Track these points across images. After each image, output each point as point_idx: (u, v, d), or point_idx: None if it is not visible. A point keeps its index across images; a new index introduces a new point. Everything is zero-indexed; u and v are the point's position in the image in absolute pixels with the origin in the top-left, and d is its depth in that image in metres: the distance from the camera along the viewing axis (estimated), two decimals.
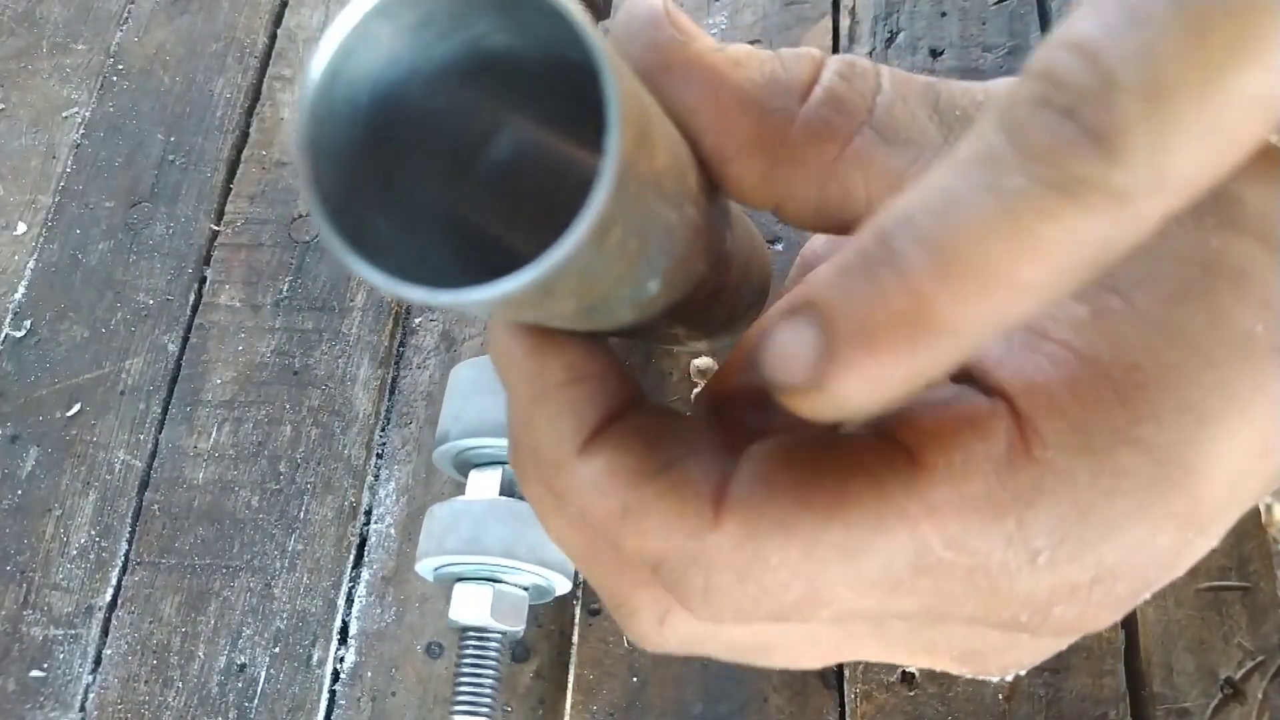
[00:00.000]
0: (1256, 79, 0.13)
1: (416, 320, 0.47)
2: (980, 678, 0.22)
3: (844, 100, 0.19)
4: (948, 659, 0.21)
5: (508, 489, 0.37)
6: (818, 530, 0.17)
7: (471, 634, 0.36)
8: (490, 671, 0.36)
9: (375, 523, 0.43)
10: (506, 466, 0.38)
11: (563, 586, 0.37)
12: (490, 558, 0.35)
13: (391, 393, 0.45)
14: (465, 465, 0.39)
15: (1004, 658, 0.21)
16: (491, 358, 0.20)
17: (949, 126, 0.19)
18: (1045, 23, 0.50)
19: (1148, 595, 0.19)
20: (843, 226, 0.20)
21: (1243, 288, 0.17)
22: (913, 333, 0.15)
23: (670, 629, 0.20)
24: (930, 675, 0.38)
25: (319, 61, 0.14)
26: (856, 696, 0.37)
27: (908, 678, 0.38)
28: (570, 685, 0.39)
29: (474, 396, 0.37)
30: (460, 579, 0.36)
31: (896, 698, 0.37)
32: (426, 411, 0.45)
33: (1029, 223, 0.14)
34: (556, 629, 0.40)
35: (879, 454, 0.18)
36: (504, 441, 0.37)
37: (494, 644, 0.36)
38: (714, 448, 0.19)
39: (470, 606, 0.35)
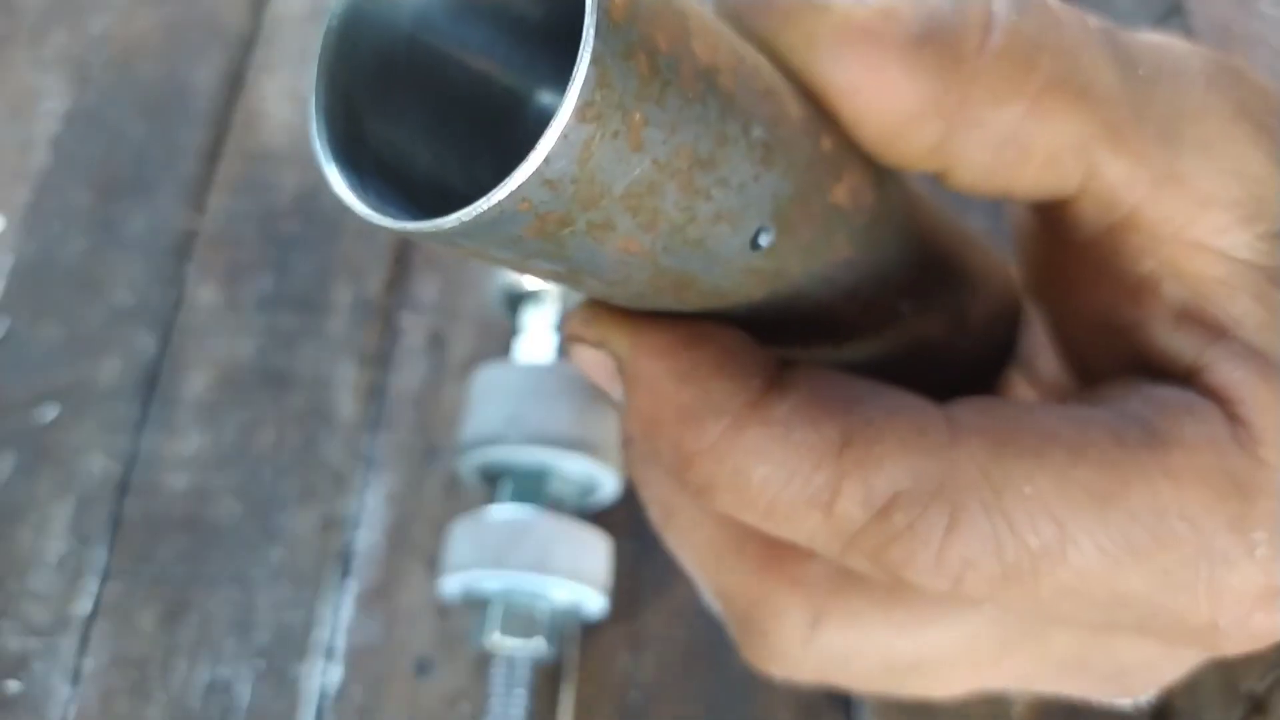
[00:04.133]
0: None
1: (404, 320, 0.46)
2: (1113, 702, 0.21)
3: (1026, 47, 0.17)
4: (1096, 679, 0.20)
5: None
6: (1068, 465, 0.16)
7: (503, 658, 0.35)
8: (521, 697, 0.35)
9: (361, 532, 0.42)
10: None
11: (596, 604, 0.36)
12: (529, 574, 0.34)
13: (378, 396, 0.44)
14: (492, 473, 0.38)
15: (1152, 675, 0.20)
16: (584, 357, 0.18)
17: (1132, 81, 0.17)
18: None
19: None
20: (1013, 190, 0.18)
21: None
22: None
23: (820, 639, 0.18)
24: None
25: None
26: (868, 716, 0.36)
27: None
28: (569, 704, 0.38)
29: (508, 401, 0.36)
30: (492, 598, 0.35)
31: (911, 718, 0.36)
32: (415, 416, 0.43)
33: None
34: (555, 645, 0.39)
35: (1112, 414, 0.17)
36: (544, 450, 0.35)
37: (527, 668, 0.35)
38: (906, 393, 0.18)
39: (510, 627, 0.35)
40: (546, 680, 0.38)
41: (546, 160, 0.12)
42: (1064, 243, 0.19)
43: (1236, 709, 0.36)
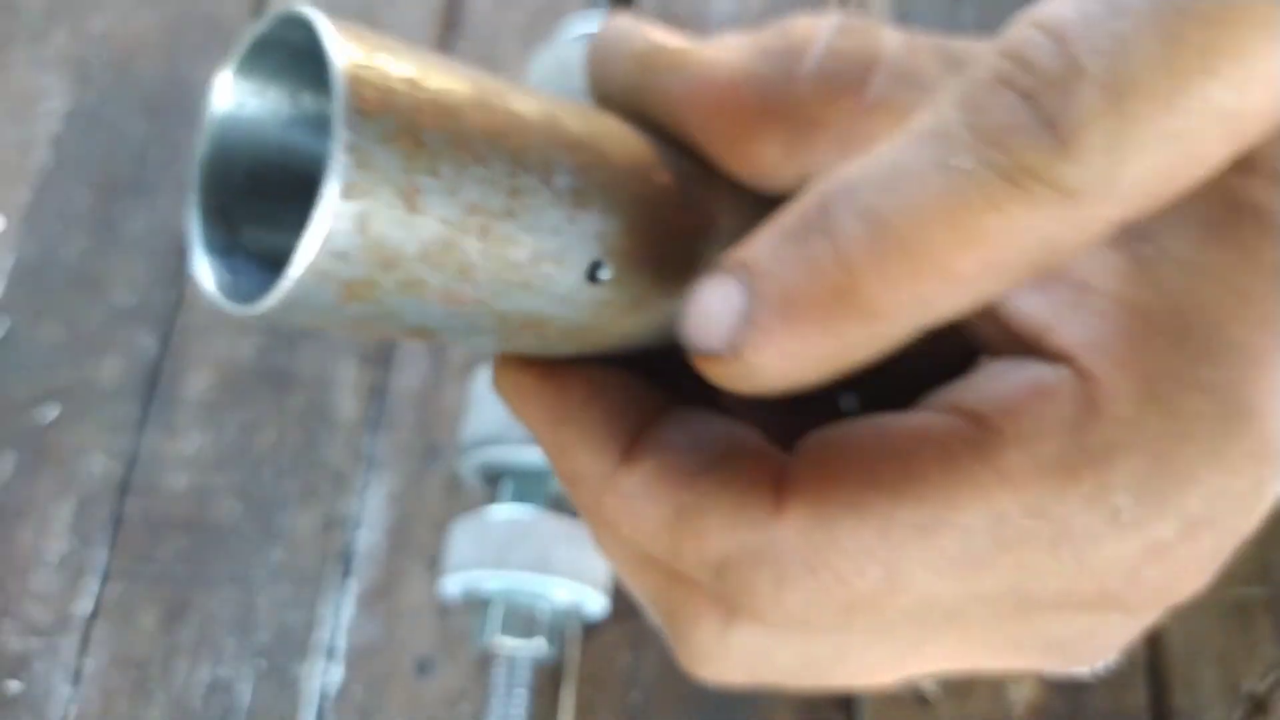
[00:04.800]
0: (1225, 93, 0.13)
1: None
2: (1069, 672, 0.20)
3: (849, 52, 0.18)
4: (1035, 654, 0.20)
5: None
6: (890, 508, 0.16)
7: (504, 658, 0.35)
8: (522, 697, 0.35)
9: (362, 532, 0.42)
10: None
11: (597, 603, 0.36)
12: (530, 574, 0.34)
13: (379, 396, 0.44)
14: (493, 473, 0.38)
15: (1093, 643, 0.20)
16: (502, 396, 0.19)
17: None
18: None
19: (1233, 547, 0.18)
20: None
21: (1263, 223, 0.17)
22: (838, 310, 0.14)
23: (734, 639, 0.19)
24: (946, 692, 0.37)
25: (209, 118, 0.16)
26: (869, 715, 0.36)
27: (923, 697, 0.37)
28: (570, 704, 0.38)
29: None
30: (493, 597, 0.35)
31: (911, 716, 0.36)
32: (416, 416, 0.43)
33: (972, 209, 0.14)
34: (556, 644, 0.39)
35: (945, 425, 0.17)
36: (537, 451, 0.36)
37: (528, 668, 0.35)
38: (761, 443, 0.18)
39: (511, 627, 0.35)
40: (547, 680, 0.38)
41: (327, 237, 0.14)
42: None
43: (1237, 709, 0.36)
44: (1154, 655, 0.37)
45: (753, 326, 0.15)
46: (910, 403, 0.19)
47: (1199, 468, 0.17)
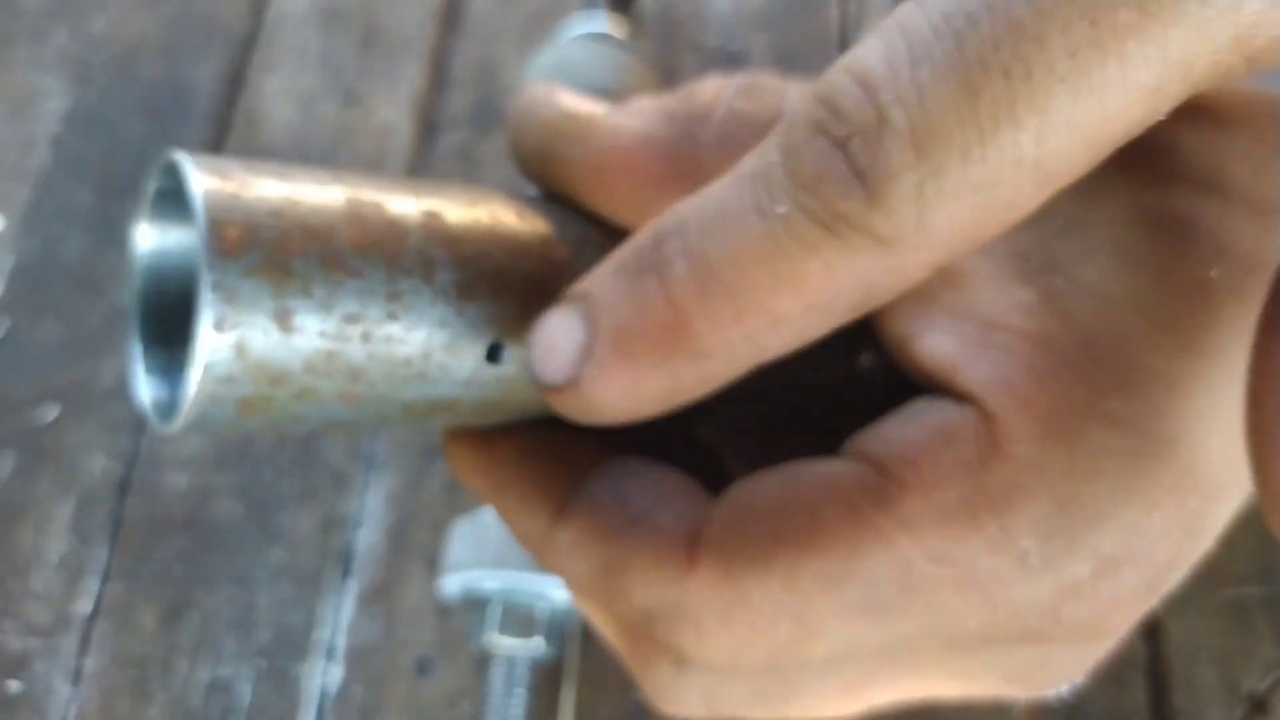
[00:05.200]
0: (1028, 144, 0.13)
1: None
2: (1036, 695, 0.20)
3: (748, 114, 0.18)
4: (991, 683, 0.20)
5: None
6: (795, 561, 0.17)
7: (502, 658, 0.35)
8: (521, 697, 0.35)
9: (362, 532, 0.42)
10: None
11: None
12: (528, 574, 0.34)
13: None
14: None
15: (1049, 672, 0.20)
16: (451, 468, 0.20)
17: None
18: None
19: (1174, 579, 0.17)
20: None
21: (1188, 238, 0.17)
22: (670, 348, 0.15)
23: (688, 678, 0.19)
24: None
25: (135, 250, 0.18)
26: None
27: None
28: (570, 704, 0.38)
29: None
30: (492, 598, 0.35)
31: (912, 716, 0.36)
32: None
33: (790, 255, 0.14)
34: (555, 644, 0.39)
35: (851, 476, 0.17)
36: None
37: (526, 668, 0.35)
38: (689, 493, 0.19)
39: (510, 627, 0.35)
40: (547, 680, 0.38)
41: (208, 365, 0.15)
42: None
43: (1237, 709, 0.36)
44: (1153, 655, 0.37)
45: (591, 360, 0.15)
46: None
47: (1110, 505, 0.16)
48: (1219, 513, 0.18)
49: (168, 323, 0.18)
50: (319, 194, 0.16)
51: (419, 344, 0.17)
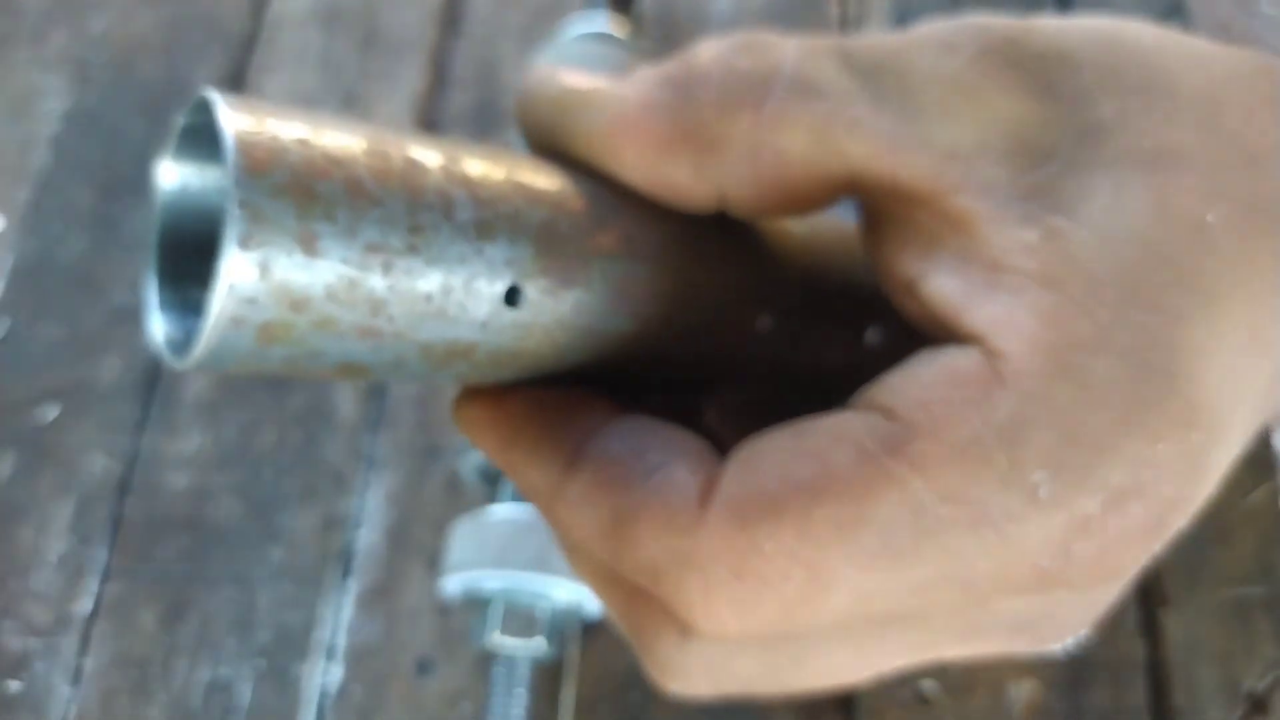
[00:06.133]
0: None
1: None
2: (1041, 650, 0.21)
3: (746, 71, 0.19)
4: (999, 638, 0.20)
5: None
6: (807, 508, 0.17)
7: (503, 657, 0.35)
8: (522, 697, 0.35)
9: (362, 532, 0.42)
10: None
11: (596, 603, 0.36)
12: (529, 574, 0.34)
13: (379, 396, 0.44)
14: (492, 472, 0.38)
15: (1056, 622, 0.20)
16: (460, 429, 0.21)
17: (865, 76, 0.19)
18: (1064, 6, 0.49)
19: (1180, 520, 0.18)
20: (794, 199, 0.19)
21: (1185, 177, 0.17)
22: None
23: (694, 650, 0.19)
24: (946, 692, 0.37)
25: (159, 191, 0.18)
26: (869, 715, 0.36)
27: (922, 696, 0.37)
28: (569, 703, 0.38)
29: None
30: (493, 597, 0.35)
31: (911, 716, 0.36)
32: (415, 415, 0.43)
33: None
34: (555, 644, 0.39)
35: (860, 423, 0.17)
36: None
37: (527, 668, 0.35)
38: (702, 449, 0.19)
39: (510, 627, 0.35)
40: (547, 680, 0.38)
41: (231, 286, 0.15)
42: (873, 229, 0.20)
43: (1237, 708, 0.36)
44: (1154, 654, 0.37)
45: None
46: None
47: (1117, 436, 0.17)
48: (1221, 451, 0.18)
49: (185, 262, 0.18)
50: (343, 130, 0.17)
51: (438, 279, 0.17)
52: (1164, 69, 0.18)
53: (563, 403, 0.20)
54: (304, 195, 0.16)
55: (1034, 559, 0.17)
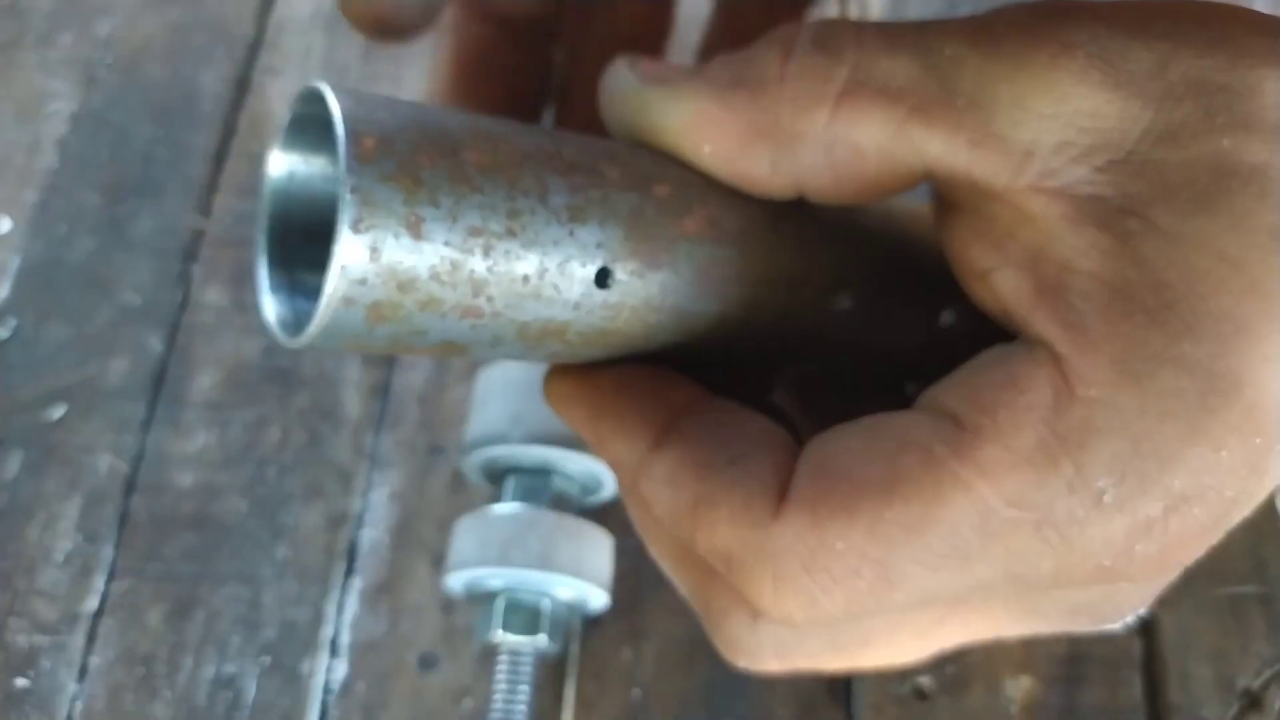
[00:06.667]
0: None
1: None
2: (1100, 629, 0.21)
3: (819, 66, 0.19)
4: (1058, 620, 0.21)
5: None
6: (879, 509, 0.17)
7: (506, 653, 0.35)
8: (525, 693, 0.35)
9: (367, 530, 0.42)
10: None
11: (598, 600, 0.36)
12: (532, 571, 0.34)
13: (383, 395, 0.44)
14: (496, 471, 0.38)
15: (1113, 606, 0.20)
16: (550, 404, 0.21)
17: (940, 68, 0.18)
18: None
19: (1240, 516, 0.18)
20: (870, 188, 0.20)
21: (1263, 186, 0.17)
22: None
23: (764, 629, 0.20)
24: (943, 688, 0.37)
25: (270, 170, 0.19)
26: (867, 710, 0.37)
27: (920, 691, 0.37)
28: (571, 699, 0.38)
29: (511, 400, 0.37)
30: (497, 594, 0.36)
31: (908, 712, 0.36)
32: (419, 414, 0.44)
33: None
34: (558, 640, 0.39)
35: (928, 427, 0.18)
36: (547, 449, 0.36)
37: (530, 664, 0.36)
38: (784, 442, 0.19)
39: (514, 624, 0.35)
40: (550, 675, 0.38)
41: (343, 267, 0.16)
42: (947, 216, 0.20)
43: (1232, 705, 0.36)
44: (1149, 651, 0.37)
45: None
46: None
47: (1181, 445, 0.17)
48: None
49: (292, 248, 0.19)
50: (446, 120, 0.18)
51: (534, 262, 0.18)
52: (1252, 73, 0.18)
53: (651, 381, 0.21)
54: (410, 181, 0.16)
55: (1097, 559, 0.18)
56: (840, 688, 0.37)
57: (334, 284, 0.16)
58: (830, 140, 0.19)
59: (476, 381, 0.39)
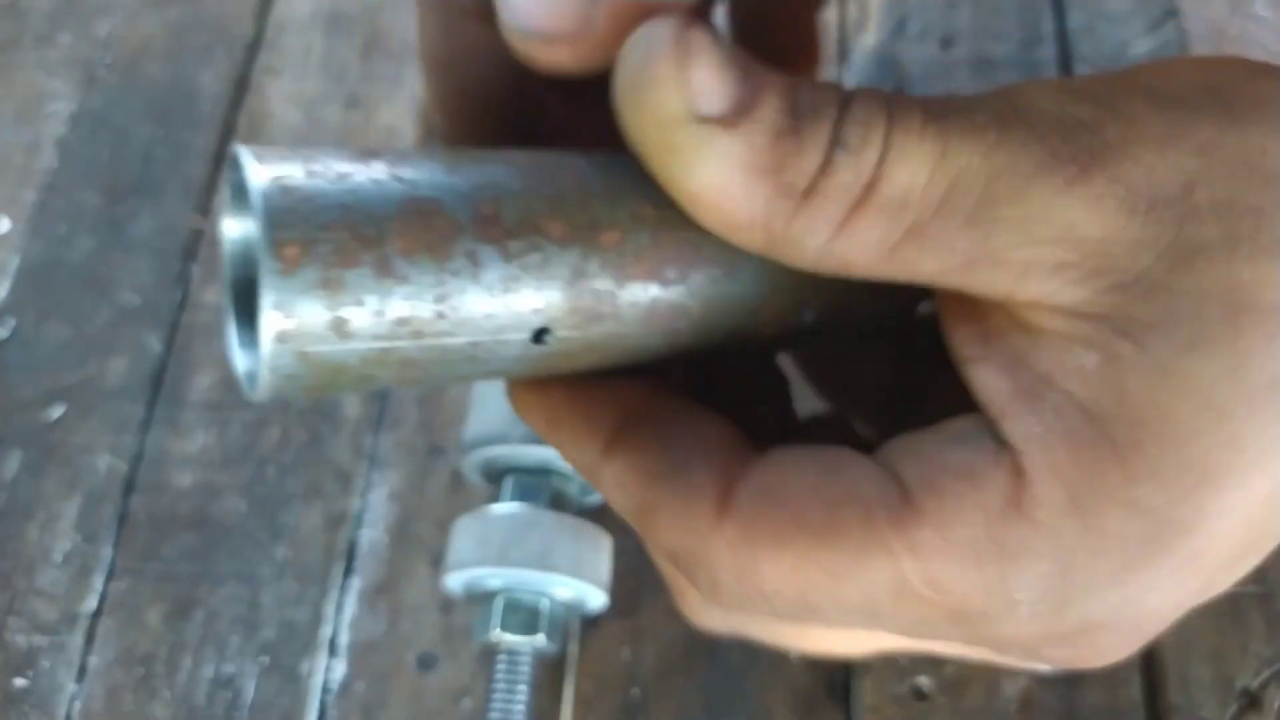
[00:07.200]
0: None
1: None
2: (1029, 667, 0.22)
3: (845, 185, 0.17)
4: (985, 654, 0.21)
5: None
6: (807, 549, 0.18)
7: (505, 653, 0.35)
8: (523, 693, 0.35)
9: (366, 530, 0.42)
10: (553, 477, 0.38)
11: (597, 600, 0.36)
12: (531, 571, 0.34)
13: (382, 395, 0.44)
14: (495, 471, 0.38)
15: (1068, 661, 0.20)
16: (515, 411, 0.22)
17: (944, 180, 0.17)
18: (1059, 11, 0.49)
19: (1159, 630, 0.19)
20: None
21: (1273, 330, 0.16)
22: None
23: (715, 608, 0.22)
24: (942, 689, 0.37)
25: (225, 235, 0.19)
26: (866, 710, 0.37)
27: (919, 692, 0.37)
28: (570, 698, 0.38)
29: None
30: (495, 594, 0.36)
31: (908, 712, 0.36)
32: (418, 415, 0.44)
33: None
34: (557, 640, 0.39)
35: (877, 484, 0.18)
36: (546, 449, 0.36)
37: (529, 664, 0.36)
38: (729, 447, 0.20)
39: (512, 624, 0.35)
40: (548, 675, 0.38)
41: (273, 367, 0.16)
42: (941, 292, 0.20)
43: (1231, 705, 0.36)
44: (1148, 652, 0.37)
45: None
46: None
47: (1109, 582, 0.17)
48: (1217, 585, 0.18)
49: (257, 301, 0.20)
50: (374, 197, 0.17)
51: (466, 337, 0.18)
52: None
53: (600, 387, 0.21)
54: (334, 287, 0.16)
55: (1003, 649, 0.18)
56: (840, 688, 0.37)
57: (266, 376, 0.17)
58: (825, 252, 0.18)
59: (475, 381, 0.39)
